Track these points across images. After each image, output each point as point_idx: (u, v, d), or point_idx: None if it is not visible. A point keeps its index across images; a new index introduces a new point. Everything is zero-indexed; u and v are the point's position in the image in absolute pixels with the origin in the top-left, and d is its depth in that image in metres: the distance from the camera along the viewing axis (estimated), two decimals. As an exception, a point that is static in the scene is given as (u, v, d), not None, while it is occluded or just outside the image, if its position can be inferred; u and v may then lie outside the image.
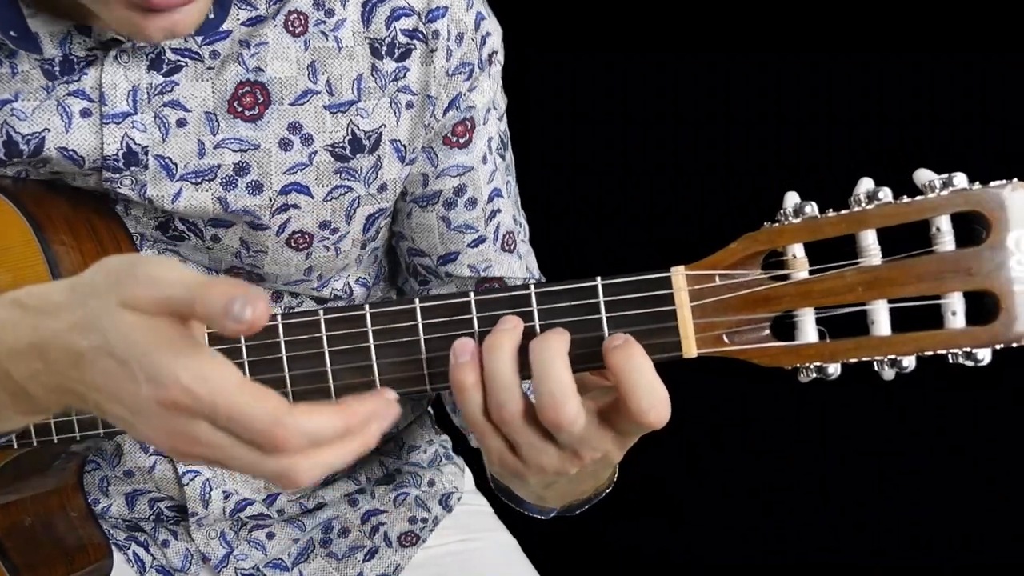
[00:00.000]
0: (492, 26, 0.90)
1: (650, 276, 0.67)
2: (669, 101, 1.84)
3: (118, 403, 0.57)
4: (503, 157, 0.96)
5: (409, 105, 0.87)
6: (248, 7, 0.83)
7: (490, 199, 0.94)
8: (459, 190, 0.93)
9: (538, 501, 0.82)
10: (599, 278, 0.67)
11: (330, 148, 0.86)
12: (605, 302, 0.67)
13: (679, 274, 0.66)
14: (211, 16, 0.80)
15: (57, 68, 0.81)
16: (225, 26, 0.82)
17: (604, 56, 1.85)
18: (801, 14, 1.78)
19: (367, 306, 0.70)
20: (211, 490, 0.94)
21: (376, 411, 0.58)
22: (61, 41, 0.80)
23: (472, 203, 0.93)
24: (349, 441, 0.57)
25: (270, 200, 0.86)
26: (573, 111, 1.87)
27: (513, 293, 0.68)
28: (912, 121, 1.76)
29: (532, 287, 0.68)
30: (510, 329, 0.67)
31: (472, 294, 0.68)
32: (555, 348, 0.65)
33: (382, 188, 0.89)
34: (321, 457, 0.56)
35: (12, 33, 0.78)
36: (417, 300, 0.69)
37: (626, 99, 1.86)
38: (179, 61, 0.83)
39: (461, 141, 0.91)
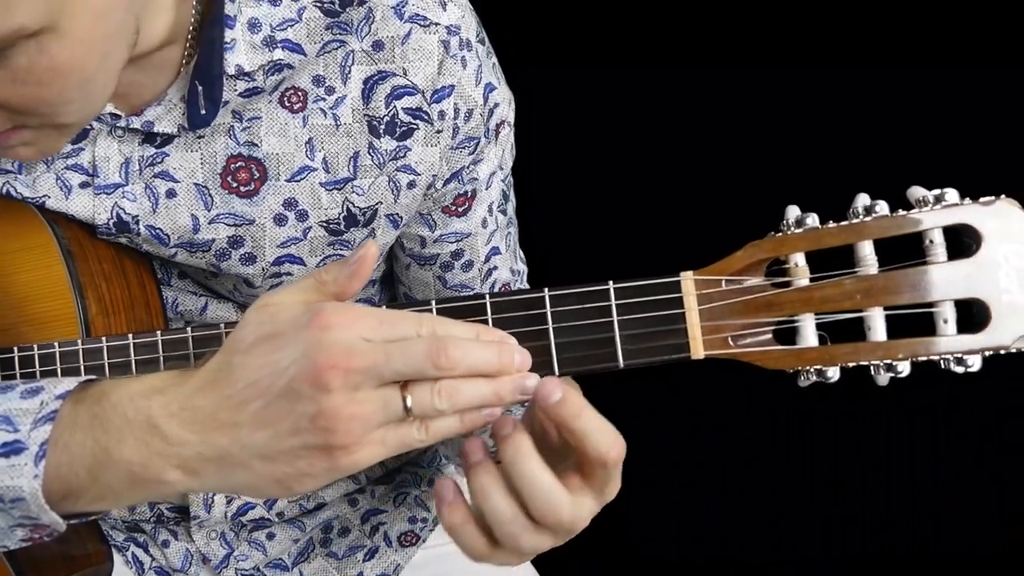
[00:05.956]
0: (501, 95, 0.88)
1: (660, 281, 0.70)
2: (680, 117, 1.89)
3: (276, 375, 0.59)
4: (504, 212, 0.95)
5: (411, 185, 0.86)
6: (247, 79, 0.81)
7: (487, 259, 0.95)
8: (456, 254, 0.93)
9: None
10: (611, 282, 0.70)
11: (324, 224, 0.87)
12: (617, 305, 0.70)
13: (688, 279, 0.70)
14: (203, 112, 0.80)
15: None
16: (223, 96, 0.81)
17: (617, 71, 1.91)
18: (814, 30, 1.85)
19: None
20: (213, 495, 0.95)
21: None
22: None
23: (468, 265, 0.94)
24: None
25: (263, 270, 0.87)
26: (587, 125, 1.91)
27: (527, 296, 0.71)
28: (908, 134, 1.82)
29: (546, 290, 0.71)
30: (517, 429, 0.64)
31: (487, 296, 0.71)
32: (526, 449, 0.64)
33: None
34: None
35: None
36: (433, 303, 0.72)
37: (639, 114, 1.91)
38: (172, 133, 0.82)
39: (460, 210, 0.90)
